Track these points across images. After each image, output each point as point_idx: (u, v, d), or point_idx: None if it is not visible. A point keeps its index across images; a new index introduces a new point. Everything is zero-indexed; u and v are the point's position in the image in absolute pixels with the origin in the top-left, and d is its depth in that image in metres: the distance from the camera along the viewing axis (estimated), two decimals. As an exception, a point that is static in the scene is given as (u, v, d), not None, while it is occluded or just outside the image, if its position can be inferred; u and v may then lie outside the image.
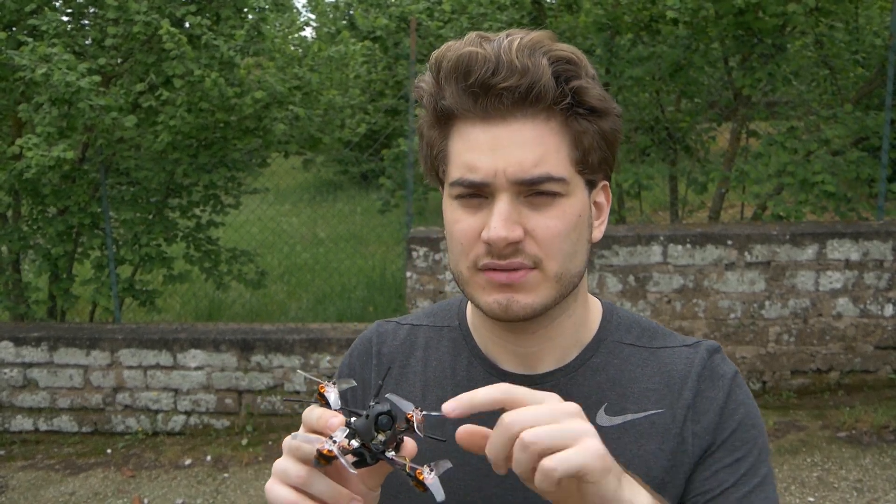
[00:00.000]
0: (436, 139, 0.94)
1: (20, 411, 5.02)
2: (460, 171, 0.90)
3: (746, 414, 1.00)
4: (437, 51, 0.92)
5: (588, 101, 0.90)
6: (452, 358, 1.05)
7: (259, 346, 4.89)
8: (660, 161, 6.59)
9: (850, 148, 5.50)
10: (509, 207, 0.88)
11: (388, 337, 1.10)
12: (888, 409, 4.71)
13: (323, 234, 9.33)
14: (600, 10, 5.84)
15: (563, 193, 0.90)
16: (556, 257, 0.91)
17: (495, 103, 0.88)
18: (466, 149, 0.90)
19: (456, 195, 0.92)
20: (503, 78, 0.86)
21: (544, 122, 0.89)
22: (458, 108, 0.90)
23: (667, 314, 4.97)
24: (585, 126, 0.91)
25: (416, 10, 6.80)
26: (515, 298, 0.90)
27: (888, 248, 4.90)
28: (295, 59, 6.04)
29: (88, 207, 5.40)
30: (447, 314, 1.10)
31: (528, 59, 0.87)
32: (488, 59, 0.87)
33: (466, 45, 0.89)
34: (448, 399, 1.00)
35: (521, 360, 1.00)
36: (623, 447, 0.96)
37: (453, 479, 0.97)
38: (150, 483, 4.45)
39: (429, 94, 0.93)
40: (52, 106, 4.72)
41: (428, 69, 0.93)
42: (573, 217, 0.91)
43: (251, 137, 5.62)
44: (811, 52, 6.34)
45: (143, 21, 4.82)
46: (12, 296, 5.52)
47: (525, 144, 0.88)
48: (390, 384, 1.06)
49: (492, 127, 0.88)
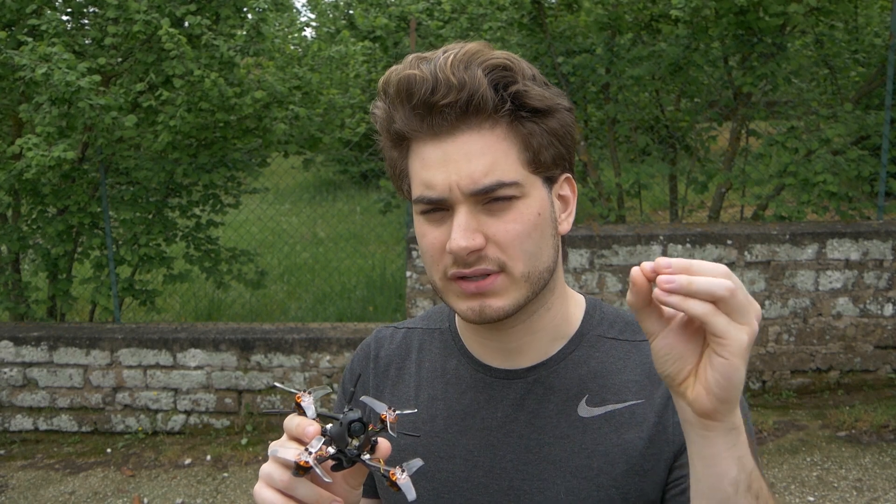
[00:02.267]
0: (396, 159, 0.98)
1: (20, 411, 5.02)
2: (420, 189, 0.94)
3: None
4: (383, 77, 0.96)
5: (529, 104, 0.93)
6: (443, 358, 1.09)
7: (259, 345, 4.89)
8: (660, 161, 6.59)
9: (851, 147, 5.50)
10: (467, 218, 0.91)
11: (385, 342, 1.16)
12: (888, 408, 4.70)
13: (323, 234, 9.33)
14: (601, 9, 5.83)
15: (519, 196, 0.93)
16: (520, 258, 0.93)
17: (440, 121, 0.91)
18: (422, 167, 0.94)
19: (420, 211, 0.96)
20: (442, 95, 0.89)
21: (490, 131, 0.92)
22: (409, 129, 0.93)
23: (667, 314, 4.96)
24: (531, 127, 0.93)
25: (416, 10, 6.79)
26: (487, 303, 0.94)
27: (888, 248, 4.90)
28: (295, 59, 6.04)
29: (88, 207, 5.40)
30: (439, 317, 1.16)
31: (464, 72, 0.90)
32: (426, 80, 0.90)
33: (406, 69, 0.92)
34: (437, 397, 1.07)
35: (506, 356, 1.04)
36: (603, 437, 0.99)
37: (441, 469, 1.03)
38: (150, 482, 4.45)
39: (381, 119, 0.97)
40: (51, 105, 4.72)
41: (378, 95, 0.97)
42: (532, 217, 0.94)
43: (251, 137, 5.62)
44: (811, 52, 6.34)
45: (142, 20, 4.82)
46: (12, 296, 5.52)
47: (473, 156, 0.91)
48: (387, 385, 1.11)
49: (441, 143, 0.92)
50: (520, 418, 1.01)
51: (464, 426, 1.04)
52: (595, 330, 1.06)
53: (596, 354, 1.04)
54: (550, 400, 1.01)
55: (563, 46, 6.09)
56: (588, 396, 1.01)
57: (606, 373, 1.02)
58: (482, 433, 1.02)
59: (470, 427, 1.03)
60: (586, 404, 1.01)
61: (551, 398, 1.01)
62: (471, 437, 1.03)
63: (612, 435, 0.99)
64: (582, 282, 4.96)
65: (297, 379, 4.87)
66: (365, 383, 1.13)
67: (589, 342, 1.05)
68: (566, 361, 1.03)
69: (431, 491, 1.03)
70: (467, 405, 1.04)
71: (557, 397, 1.01)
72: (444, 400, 1.06)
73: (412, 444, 1.05)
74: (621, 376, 1.02)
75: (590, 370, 1.03)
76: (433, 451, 1.04)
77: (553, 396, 1.01)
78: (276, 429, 4.88)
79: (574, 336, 1.05)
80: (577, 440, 0.99)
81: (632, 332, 1.07)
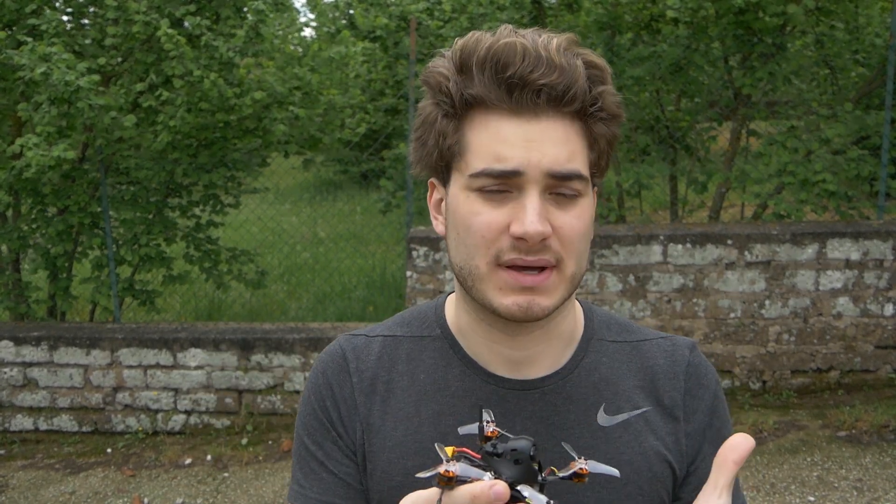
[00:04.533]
0: (451, 129, 0.91)
1: (20, 411, 5.02)
2: (487, 161, 0.88)
3: (724, 409, 1.05)
4: (463, 39, 0.90)
5: (609, 107, 0.91)
6: (443, 369, 1.01)
7: (259, 345, 4.89)
8: (660, 160, 6.59)
9: (851, 147, 5.50)
10: (541, 202, 0.87)
11: (360, 352, 1.04)
12: (888, 408, 4.70)
13: (323, 234, 9.33)
14: (600, 9, 5.84)
15: (583, 193, 0.90)
16: (573, 257, 0.90)
17: (532, 98, 0.86)
18: (495, 141, 0.88)
19: (478, 187, 0.89)
20: (542, 74, 0.85)
21: (570, 123, 0.89)
22: (489, 98, 0.87)
23: (667, 314, 4.97)
24: (602, 130, 0.91)
25: (416, 10, 6.80)
26: (537, 301, 0.89)
27: (888, 248, 4.90)
28: (295, 59, 6.04)
29: (88, 207, 5.40)
30: (423, 323, 1.05)
31: (566, 59, 0.86)
32: (528, 54, 0.85)
33: (503, 37, 0.87)
34: (445, 412, 0.97)
35: (516, 366, 0.98)
36: (625, 445, 0.97)
37: None
38: (151, 482, 4.45)
39: (453, 81, 0.89)
40: (51, 105, 4.72)
41: (451, 56, 0.90)
42: (589, 218, 0.92)
43: (251, 137, 5.62)
44: (811, 52, 6.34)
45: (142, 21, 4.82)
46: (12, 295, 5.52)
47: (557, 141, 0.87)
48: (376, 402, 1.00)
49: (523, 122, 0.87)
50: (540, 431, 0.96)
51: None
52: (597, 334, 1.04)
53: (603, 360, 1.02)
54: (570, 410, 0.98)
55: (563, 46, 6.08)
56: (605, 405, 0.99)
57: (615, 379, 1.01)
58: None
59: None
60: (605, 413, 0.98)
61: (571, 408, 0.98)
62: None
63: (633, 443, 0.97)
64: (582, 282, 4.95)
65: (297, 379, 4.87)
66: (347, 401, 1.01)
67: (594, 347, 1.02)
68: (579, 369, 1.00)
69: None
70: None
71: (577, 407, 0.98)
72: (454, 415, 0.97)
73: (420, 468, 0.91)
74: (628, 382, 1.01)
75: (601, 377, 1.00)
76: None
77: (572, 406, 0.98)
78: (276, 429, 4.88)
79: (581, 342, 1.02)
80: (601, 450, 0.96)
81: (627, 332, 1.05)
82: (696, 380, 1.02)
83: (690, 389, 1.01)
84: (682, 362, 1.03)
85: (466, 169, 0.90)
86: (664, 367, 1.02)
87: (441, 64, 0.91)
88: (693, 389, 1.02)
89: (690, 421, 1.00)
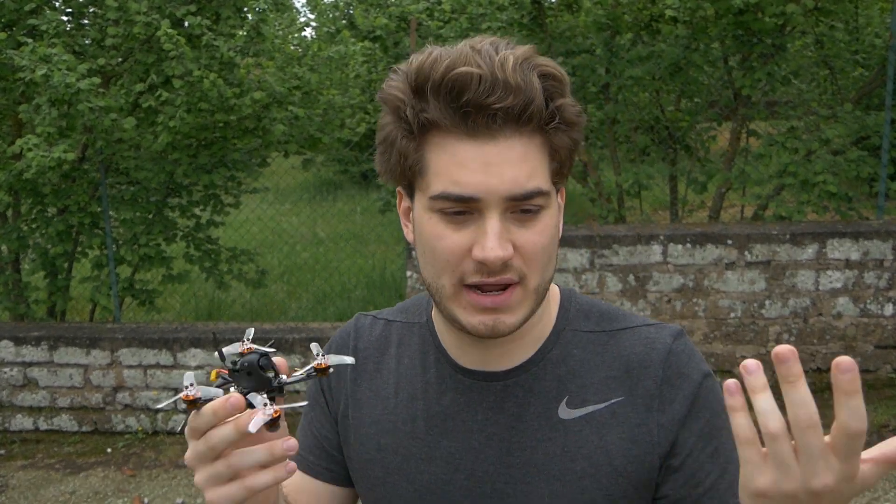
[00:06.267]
0: (410, 150, 0.90)
1: (20, 410, 5.02)
2: (446, 185, 0.87)
3: (715, 399, 0.99)
4: (419, 59, 0.88)
5: (568, 118, 0.90)
6: (422, 355, 1.06)
7: (259, 345, 4.88)
8: (660, 161, 6.59)
9: (850, 147, 5.50)
10: (501, 225, 0.87)
11: (364, 332, 1.12)
12: (888, 408, 4.71)
13: (323, 234, 9.33)
14: (600, 9, 5.84)
15: (545, 207, 0.90)
16: (537, 271, 0.91)
17: (487, 122, 0.85)
18: (452, 164, 0.87)
19: (438, 208, 0.89)
20: (498, 98, 0.84)
21: (529, 139, 0.88)
22: (445, 123, 0.86)
23: (667, 314, 4.97)
24: (563, 139, 0.90)
25: (416, 10, 6.79)
26: (501, 319, 0.91)
27: (888, 248, 4.90)
28: (294, 59, 6.04)
29: (88, 207, 5.40)
30: (417, 310, 1.12)
31: (522, 78, 0.85)
32: (484, 79, 0.84)
33: (460, 63, 0.85)
34: (417, 396, 1.04)
35: (484, 359, 1.01)
36: (584, 439, 0.97)
37: (423, 472, 1.01)
38: (151, 482, 4.45)
39: (408, 105, 0.88)
40: (51, 107, 4.72)
41: (405, 77, 0.89)
42: (552, 229, 0.92)
43: (251, 137, 5.62)
44: (811, 52, 6.35)
45: (142, 21, 4.82)
46: (12, 295, 5.52)
47: (515, 161, 0.86)
48: (364, 378, 1.09)
49: (480, 144, 0.86)
50: (500, 421, 0.99)
51: (444, 428, 1.01)
52: (571, 325, 1.03)
53: (574, 352, 1.01)
54: (531, 403, 0.99)
55: (563, 46, 6.09)
56: (568, 398, 0.98)
57: (585, 371, 1.00)
58: (463, 436, 1.00)
59: (451, 429, 1.01)
60: (566, 406, 0.98)
61: (531, 401, 0.99)
62: (452, 440, 1.00)
63: (594, 437, 0.97)
64: (582, 282, 4.96)
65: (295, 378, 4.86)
66: (340, 374, 1.10)
67: (565, 339, 1.02)
68: (545, 362, 1.01)
69: (413, 493, 1.01)
70: (447, 407, 1.02)
71: (537, 400, 0.99)
72: (424, 400, 1.03)
73: (392, 445, 1.04)
74: (600, 373, 0.99)
75: (568, 369, 1.00)
76: (414, 452, 1.02)
77: (533, 399, 0.99)
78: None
79: (551, 334, 1.02)
80: (558, 443, 0.97)
81: (608, 321, 1.03)
82: (676, 368, 0.98)
83: (669, 378, 0.98)
84: (662, 350, 0.99)
85: (427, 190, 0.90)
86: (640, 356, 0.99)
87: (397, 85, 0.90)
88: (672, 378, 0.98)
89: (665, 411, 0.97)
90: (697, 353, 1.02)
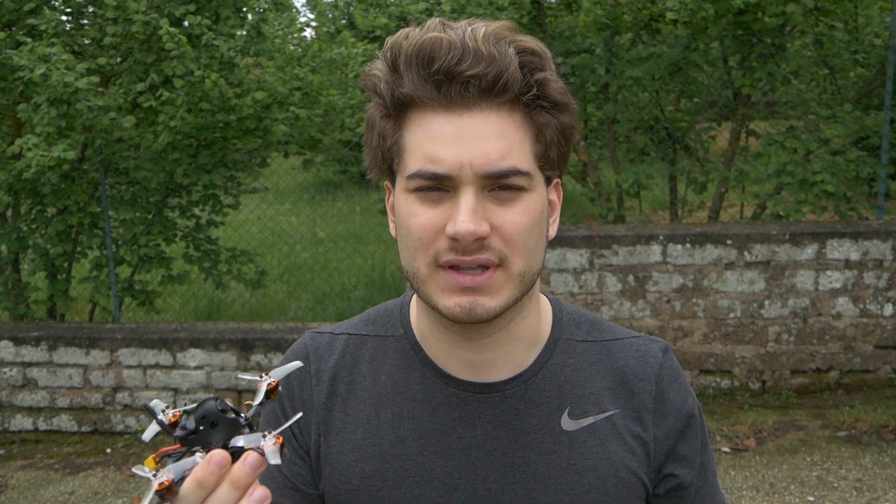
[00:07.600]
0: (389, 130, 0.89)
1: (20, 411, 5.02)
2: (420, 163, 0.85)
3: (699, 411, 1.03)
4: (393, 37, 0.87)
5: (551, 95, 0.87)
6: (404, 371, 0.98)
7: (259, 345, 4.89)
8: (659, 161, 6.59)
9: (850, 147, 5.50)
10: (475, 201, 0.84)
11: (324, 352, 1.02)
12: (888, 408, 4.71)
13: (322, 234, 9.33)
14: (600, 9, 5.85)
15: (528, 188, 0.87)
16: (520, 254, 0.87)
17: (460, 92, 0.83)
18: (427, 139, 0.85)
19: (414, 188, 0.86)
20: (469, 65, 0.82)
21: (508, 115, 0.85)
22: (419, 96, 0.85)
23: (666, 314, 4.97)
24: (547, 119, 0.88)
25: (415, 10, 6.79)
26: (480, 301, 0.86)
27: (888, 248, 4.91)
28: (294, 59, 6.03)
29: (88, 207, 5.40)
30: (388, 322, 1.03)
31: (495, 47, 0.83)
32: (454, 46, 0.82)
33: (429, 31, 0.84)
34: (404, 415, 0.96)
35: (477, 369, 0.96)
36: (589, 451, 0.95)
37: (419, 496, 0.94)
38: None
39: (384, 81, 0.87)
40: (50, 106, 4.72)
41: (382, 56, 0.88)
42: (537, 213, 0.88)
43: (251, 138, 5.62)
44: (811, 52, 6.35)
45: (142, 21, 4.82)
46: (12, 296, 5.52)
47: (491, 136, 0.84)
48: (336, 403, 0.99)
49: (455, 117, 0.84)
50: (502, 435, 0.94)
51: (440, 447, 0.94)
52: (565, 333, 1.01)
53: (570, 361, 0.99)
54: (532, 414, 0.95)
55: (563, 46, 6.09)
56: (569, 409, 0.96)
57: (582, 381, 0.98)
58: (461, 453, 0.94)
59: (447, 447, 0.94)
60: (569, 417, 0.96)
61: (533, 412, 0.95)
62: (449, 459, 0.94)
63: (598, 448, 0.95)
64: (582, 282, 4.96)
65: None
66: (305, 403, 0.99)
67: (562, 348, 0.99)
68: (543, 372, 0.97)
69: None
70: (440, 423, 0.95)
71: (539, 411, 0.95)
72: (413, 419, 0.96)
73: (379, 471, 0.95)
74: (596, 384, 0.98)
75: (566, 379, 0.97)
76: (407, 475, 0.94)
77: (535, 410, 0.95)
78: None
79: (547, 343, 0.99)
80: (564, 456, 0.94)
81: (598, 331, 1.03)
82: (669, 383, 1.00)
83: (662, 392, 0.99)
84: (654, 364, 1.00)
85: (404, 171, 0.88)
86: (634, 369, 1.00)
87: (375, 65, 0.89)
88: (665, 392, 0.99)
89: (660, 425, 0.98)
90: (682, 372, 1.05)
